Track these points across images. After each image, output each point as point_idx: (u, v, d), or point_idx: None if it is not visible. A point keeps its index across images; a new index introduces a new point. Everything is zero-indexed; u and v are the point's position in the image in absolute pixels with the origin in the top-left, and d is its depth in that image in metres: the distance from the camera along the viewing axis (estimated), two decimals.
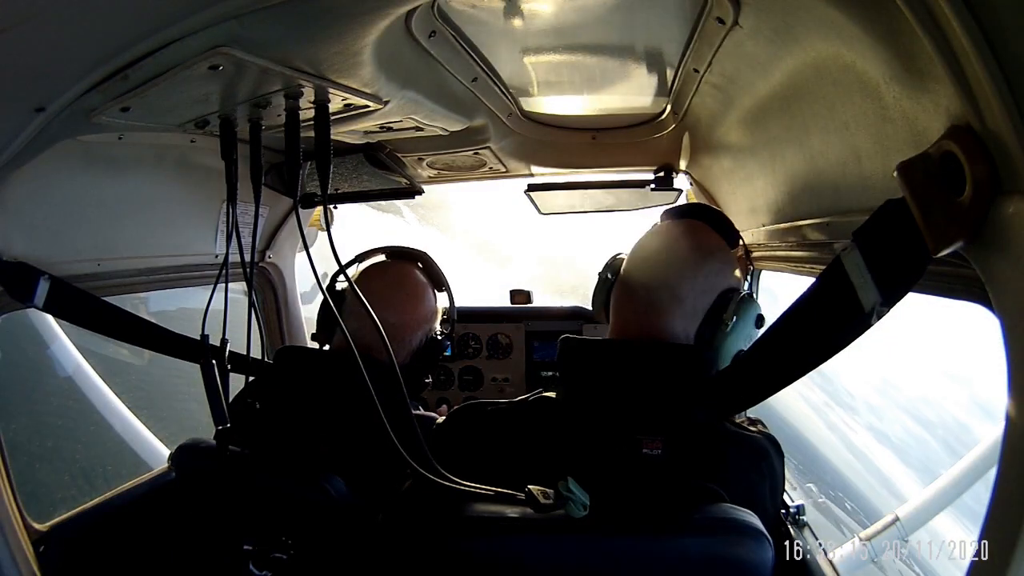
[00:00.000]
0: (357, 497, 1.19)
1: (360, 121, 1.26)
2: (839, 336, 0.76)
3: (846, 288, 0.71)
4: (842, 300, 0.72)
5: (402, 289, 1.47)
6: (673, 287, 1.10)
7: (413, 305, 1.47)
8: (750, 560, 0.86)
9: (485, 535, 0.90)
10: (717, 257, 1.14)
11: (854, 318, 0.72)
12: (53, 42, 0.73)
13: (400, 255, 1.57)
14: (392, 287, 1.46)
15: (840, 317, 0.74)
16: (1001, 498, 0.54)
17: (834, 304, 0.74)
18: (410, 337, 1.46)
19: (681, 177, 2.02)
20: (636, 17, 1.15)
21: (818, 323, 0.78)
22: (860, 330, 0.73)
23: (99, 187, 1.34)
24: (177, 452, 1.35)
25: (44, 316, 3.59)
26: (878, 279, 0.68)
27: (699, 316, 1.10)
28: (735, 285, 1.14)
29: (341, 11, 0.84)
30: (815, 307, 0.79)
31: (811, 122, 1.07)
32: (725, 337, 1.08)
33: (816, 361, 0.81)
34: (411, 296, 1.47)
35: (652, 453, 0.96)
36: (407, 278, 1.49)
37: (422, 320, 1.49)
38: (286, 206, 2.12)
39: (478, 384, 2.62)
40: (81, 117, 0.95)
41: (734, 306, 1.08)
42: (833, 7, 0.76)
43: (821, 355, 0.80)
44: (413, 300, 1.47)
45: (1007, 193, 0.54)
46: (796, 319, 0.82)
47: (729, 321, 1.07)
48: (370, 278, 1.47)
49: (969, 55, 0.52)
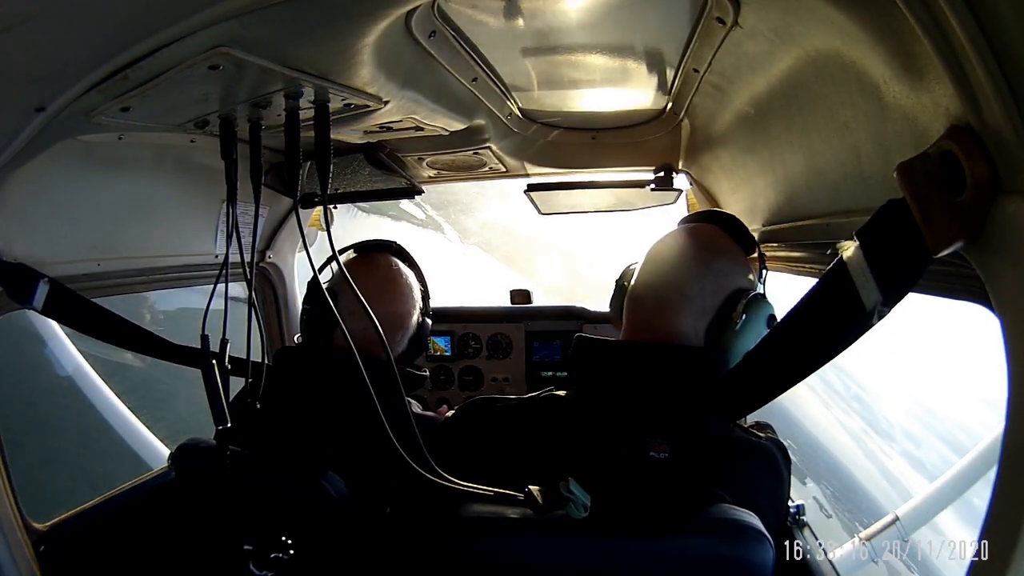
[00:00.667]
0: (357, 497, 1.19)
1: (360, 121, 1.26)
2: (841, 336, 0.76)
3: (848, 288, 0.71)
4: (844, 300, 0.72)
5: (394, 280, 1.49)
6: (681, 286, 1.10)
7: (407, 292, 1.50)
8: (750, 561, 0.86)
9: (485, 535, 0.90)
10: (726, 256, 1.13)
11: (856, 318, 0.72)
12: (53, 42, 0.73)
13: (373, 248, 1.58)
14: (385, 279, 1.48)
15: (842, 317, 0.74)
16: (1001, 498, 0.54)
17: (836, 304, 0.74)
18: (409, 324, 1.50)
19: (681, 177, 2.01)
20: (636, 17, 1.15)
21: (820, 323, 0.78)
22: (862, 330, 0.73)
23: (99, 187, 1.34)
24: (177, 452, 1.35)
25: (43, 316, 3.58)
26: (880, 279, 0.68)
27: (709, 315, 1.09)
28: (747, 286, 1.12)
29: (341, 11, 0.84)
30: (817, 307, 0.79)
31: (811, 122, 1.07)
32: (734, 337, 1.07)
33: (818, 362, 0.81)
34: (404, 284, 1.50)
35: (659, 456, 0.96)
36: (393, 268, 1.51)
37: (413, 308, 1.52)
38: (286, 206, 2.11)
39: (478, 384, 2.62)
40: (81, 117, 0.95)
41: (743, 305, 1.06)
42: (833, 7, 0.76)
43: (823, 356, 0.80)
44: (406, 287, 1.50)
45: (1007, 193, 0.54)
46: (799, 319, 0.82)
47: (738, 320, 1.06)
48: (359, 275, 1.43)
49: (969, 55, 0.52)
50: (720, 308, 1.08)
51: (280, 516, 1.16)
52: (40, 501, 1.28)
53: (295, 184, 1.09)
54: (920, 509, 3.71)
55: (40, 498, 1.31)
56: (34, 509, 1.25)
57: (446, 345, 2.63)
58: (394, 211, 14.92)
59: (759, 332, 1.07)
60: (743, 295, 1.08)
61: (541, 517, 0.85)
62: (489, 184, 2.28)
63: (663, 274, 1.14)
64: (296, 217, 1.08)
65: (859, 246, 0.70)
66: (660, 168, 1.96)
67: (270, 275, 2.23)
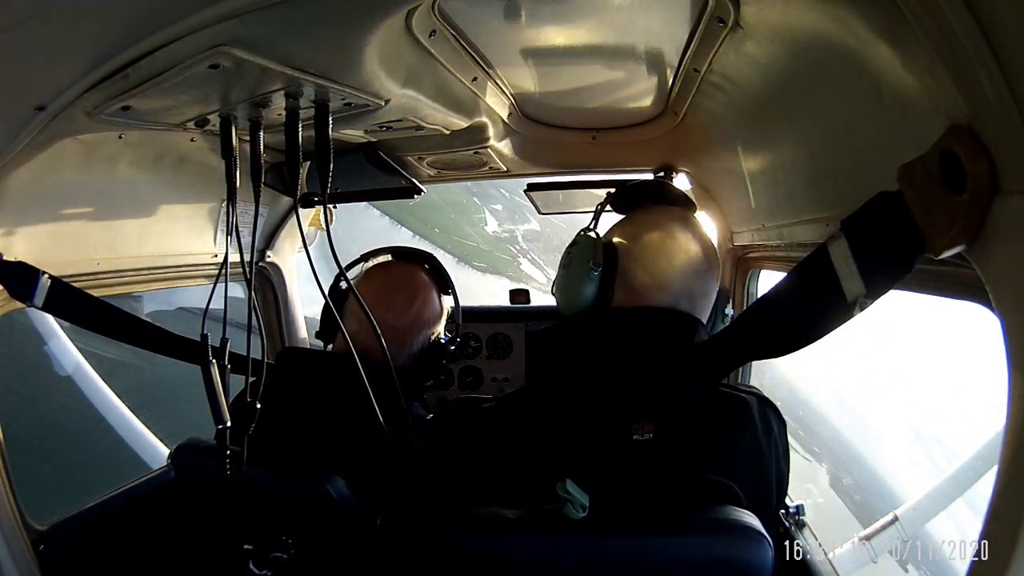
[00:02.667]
0: (358, 497, 1.19)
1: (360, 120, 1.26)
2: (819, 323, 0.75)
3: (830, 277, 0.71)
4: (824, 288, 0.71)
5: (402, 291, 1.45)
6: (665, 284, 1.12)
7: (413, 307, 1.45)
8: (750, 560, 0.86)
9: (484, 535, 0.90)
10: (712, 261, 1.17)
11: (836, 308, 0.71)
12: (54, 41, 0.73)
13: (405, 255, 1.55)
14: (392, 288, 1.44)
15: (821, 305, 0.73)
16: (1001, 498, 0.54)
17: (816, 292, 0.74)
18: (410, 340, 1.44)
19: (681, 177, 2.02)
20: (636, 17, 1.14)
21: (799, 308, 0.78)
22: (841, 320, 0.73)
23: (99, 186, 1.34)
24: (177, 451, 1.35)
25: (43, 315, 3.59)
26: (864, 270, 0.68)
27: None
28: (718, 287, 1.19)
29: (341, 10, 0.84)
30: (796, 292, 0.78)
31: (811, 122, 1.07)
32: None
33: (794, 344, 0.81)
34: (411, 298, 1.45)
35: (643, 438, 0.95)
36: (408, 279, 1.47)
37: (423, 323, 1.46)
38: (286, 206, 2.11)
39: (478, 384, 2.62)
40: (82, 116, 0.95)
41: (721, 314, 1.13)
42: (833, 7, 0.76)
43: (799, 339, 0.79)
44: (413, 302, 1.45)
45: (1007, 193, 0.54)
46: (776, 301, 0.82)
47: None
48: (371, 279, 1.46)
49: (969, 55, 0.52)
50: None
51: (280, 516, 1.16)
52: (37, 499, 1.27)
53: (295, 183, 1.09)
54: (920, 509, 3.71)
55: (39, 498, 1.30)
56: (33, 508, 1.25)
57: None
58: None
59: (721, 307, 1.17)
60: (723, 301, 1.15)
61: (538, 516, 0.85)
62: None
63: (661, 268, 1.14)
64: (296, 217, 1.08)
65: (845, 236, 0.70)
66: (660, 168, 1.96)
67: (270, 275, 2.23)
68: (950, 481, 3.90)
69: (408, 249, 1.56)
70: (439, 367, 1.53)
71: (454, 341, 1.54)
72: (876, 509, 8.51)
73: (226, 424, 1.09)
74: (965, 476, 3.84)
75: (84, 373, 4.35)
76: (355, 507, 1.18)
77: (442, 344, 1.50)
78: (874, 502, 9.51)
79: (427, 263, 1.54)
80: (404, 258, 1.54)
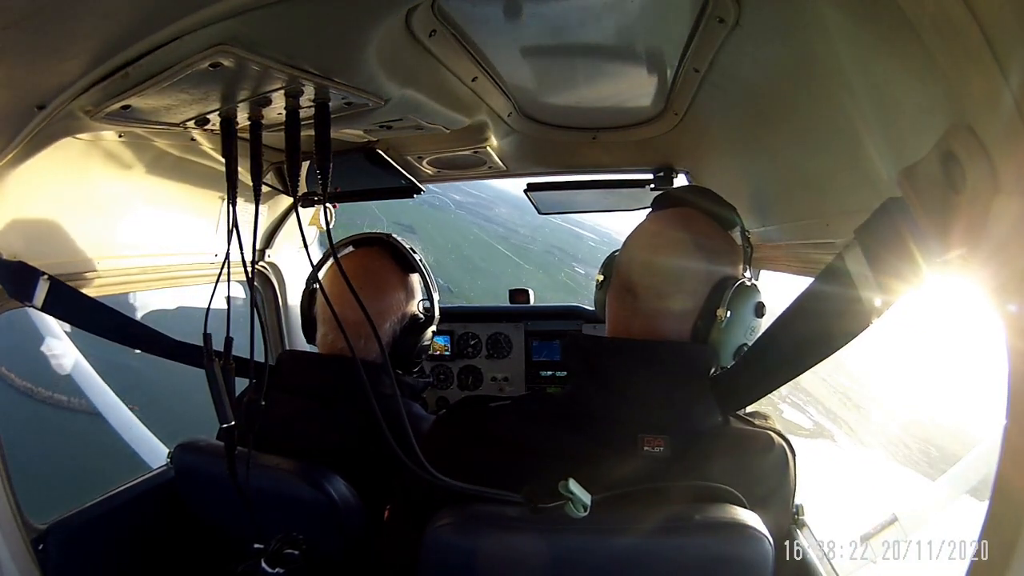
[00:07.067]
0: (358, 497, 1.19)
1: (360, 119, 1.26)
2: (840, 333, 0.76)
3: (847, 285, 0.72)
4: (843, 296, 0.72)
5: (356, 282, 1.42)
6: (658, 287, 1.06)
7: (374, 297, 1.41)
8: (749, 560, 0.85)
9: (485, 534, 0.89)
10: (706, 247, 1.07)
11: (855, 315, 0.72)
12: (54, 40, 0.73)
13: (363, 242, 1.51)
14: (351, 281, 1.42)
15: (841, 314, 0.74)
16: (1001, 498, 0.54)
17: (835, 301, 0.74)
18: (381, 327, 1.41)
19: (681, 177, 2.02)
20: (636, 17, 1.14)
21: (819, 320, 0.78)
22: (861, 327, 0.74)
23: (99, 185, 1.34)
24: (177, 451, 1.35)
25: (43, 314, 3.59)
26: (879, 276, 0.69)
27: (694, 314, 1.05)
28: (731, 273, 1.06)
29: (341, 10, 0.84)
30: (817, 304, 0.79)
31: (811, 122, 1.07)
32: (721, 333, 1.03)
33: (816, 358, 0.81)
34: (369, 286, 1.41)
35: (654, 451, 0.94)
36: (364, 269, 1.43)
37: (388, 310, 1.44)
38: (286, 205, 2.11)
39: (478, 383, 2.62)
40: (81, 115, 0.95)
41: (727, 301, 1.02)
42: (833, 7, 0.76)
43: (822, 352, 0.80)
44: (372, 291, 1.41)
45: (1007, 193, 0.54)
46: (797, 316, 0.82)
47: (723, 317, 1.01)
48: (335, 275, 1.38)
49: (969, 55, 0.52)
50: (705, 302, 1.04)
51: (280, 516, 1.16)
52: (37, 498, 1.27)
53: (295, 183, 1.09)
54: (920, 509, 3.70)
55: (39, 497, 1.30)
56: (32, 507, 1.24)
57: (446, 344, 2.64)
58: None
59: (747, 323, 1.04)
60: (727, 284, 1.03)
61: (540, 516, 0.85)
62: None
63: (642, 271, 1.09)
64: (296, 216, 1.08)
65: (859, 243, 0.71)
66: (660, 168, 1.96)
67: (270, 274, 2.23)
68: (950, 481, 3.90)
69: (365, 235, 1.52)
70: (422, 345, 1.50)
71: (430, 314, 1.52)
72: None
73: (231, 422, 1.09)
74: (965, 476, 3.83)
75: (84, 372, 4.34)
76: (356, 507, 1.18)
77: (419, 321, 1.48)
78: None
79: (385, 245, 1.50)
80: (363, 245, 1.51)
